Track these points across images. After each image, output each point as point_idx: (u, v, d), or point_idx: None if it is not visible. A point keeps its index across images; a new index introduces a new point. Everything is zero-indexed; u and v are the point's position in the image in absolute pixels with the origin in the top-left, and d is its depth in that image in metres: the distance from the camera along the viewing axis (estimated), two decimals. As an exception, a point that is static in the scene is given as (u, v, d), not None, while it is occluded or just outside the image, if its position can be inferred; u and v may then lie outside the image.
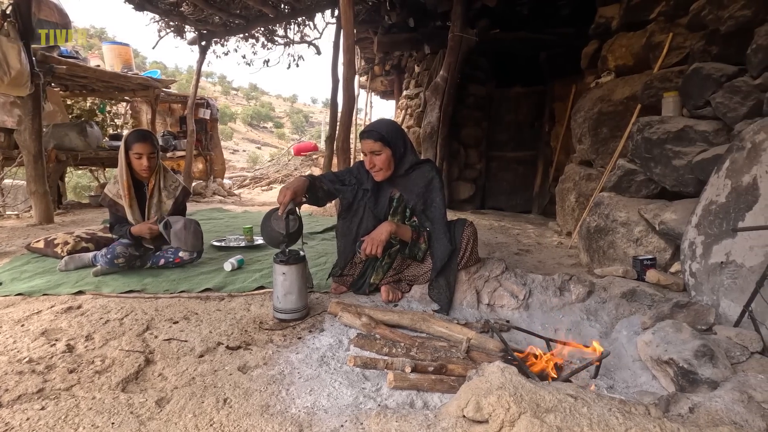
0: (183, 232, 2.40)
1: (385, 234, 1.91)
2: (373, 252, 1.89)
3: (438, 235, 2.01)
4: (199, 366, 1.45)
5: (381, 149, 1.97)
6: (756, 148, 1.71)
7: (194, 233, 2.46)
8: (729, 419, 1.06)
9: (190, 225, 2.44)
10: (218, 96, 36.44)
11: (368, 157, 2.00)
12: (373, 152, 1.98)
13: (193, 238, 2.45)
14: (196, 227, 2.48)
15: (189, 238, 2.42)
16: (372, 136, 1.97)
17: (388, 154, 1.98)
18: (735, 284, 1.67)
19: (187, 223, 2.43)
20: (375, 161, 1.99)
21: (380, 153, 1.97)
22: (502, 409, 1.04)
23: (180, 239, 2.41)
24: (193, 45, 6.08)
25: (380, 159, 1.98)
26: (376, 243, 1.90)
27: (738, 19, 2.04)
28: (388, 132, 1.98)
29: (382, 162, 1.98)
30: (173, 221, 2.41)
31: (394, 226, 1.95)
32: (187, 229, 2.41)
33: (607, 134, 3.18)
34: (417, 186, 2.04)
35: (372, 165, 2.00)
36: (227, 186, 8.44)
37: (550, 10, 4.88)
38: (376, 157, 1.98)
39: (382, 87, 8.99)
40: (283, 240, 1.88)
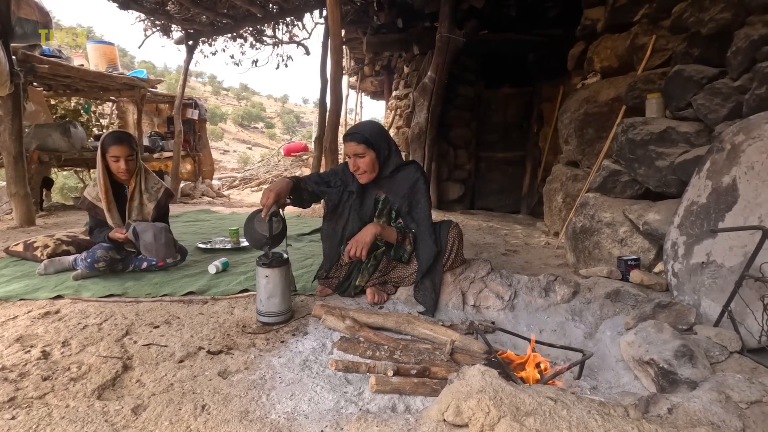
0: (153, 244, 2.30)
1: (370, 236, 1.90)
2: (357, 254, 1.88)
3: (423, 237, 2.00)
4: (178, 372, 1.42)
5: (365, 152, 1.95)
6: (735, 150, 1.73)
7: (165, 244, 2.34)
8: (707, 419, 1.07)
9: (161, 235, 2.33)
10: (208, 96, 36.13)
11: (352, 160, 1.99)
12: (357, 155, 1.96)
13: (165, 248, 2.35)
14: (167, 236, 2.37)
15: (161, 250, 2.32)
16: (355, 139, 1.95)
17: (372, 156, 1.97)
18: (715, 284, 1.68)
19: (156, 233, 2.32)
20: (359, 164, 1.97)
21: (364, 155, 1.96)
22: (482, 413, 1.03)
23: (150, 251, 2.31)
24: (180, 44, 6.01)
25: (364, 161, 1.96)
26: (361, 245, 1.88)
27: (718, 22, 2.06)
28: (371, 134, 1.97)
29: (365, 164, 1.97)
30: (141, 231, 2.30)
31: (378, 228, 1.94)
32: (157, 240, 2.31)
33: (593, 135, 3.20)
34: (402, 188, 2.03)
35: (356, 168, 1.98)
36: (216, 187, 8.37)
37: (537, 12, 4.91)
38: (360, 159, 1.96)
39: (372, 87, 8.98)
40: (266, 242, 1.86)
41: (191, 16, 5.37)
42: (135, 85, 5.57)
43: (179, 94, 6.16)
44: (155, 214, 2.47)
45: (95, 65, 5.36)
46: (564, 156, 3.68)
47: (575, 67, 3.80)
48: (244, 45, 6.37)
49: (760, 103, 1.74)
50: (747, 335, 1.45)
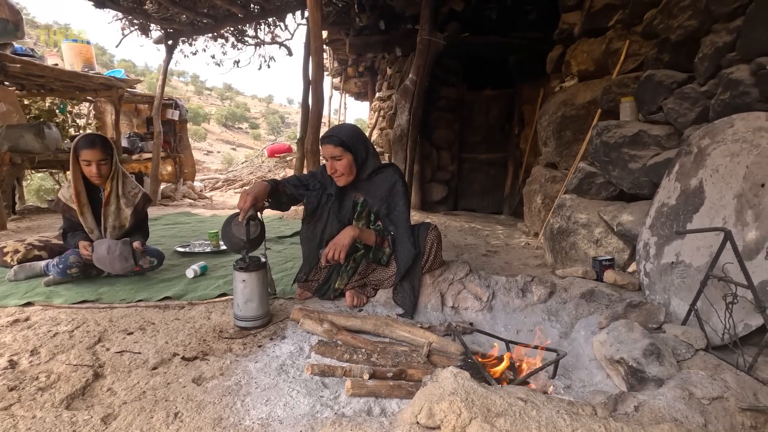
0: (106, 257, 2.21)
1: (348, 239, 1.90)
2: (336, 258, 1.87)
3: (402, 239, 2.02)
4: (151, 379, 1.40)
5: (342, 154, 1.95)
6: (702, 153, 1.79)
7: (120, 256, 2.23)
8: (670, 416, 1.10)
9: (115, 247, 2.23)
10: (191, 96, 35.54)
11: (329, 163, 1.99)
12: (334, 157, 1.96)
13: (119, 261, 2.23)
14: (123, 248, 2.25)
15: (114, 262, 2.22)
16: (332, 141, 1.95)
17: (349, 159, 1.97)
18: (684, 283, 1.73)
19: (111, 245, 2.23)
20: (336, 166, 1.97)
21: (341, 158, 1.96)
22: (454, 415, 1.05)
23: (103, 264, 2.22)
24: (159, 44, 5.90)
25: (341, 164, 1.96)
26: (339, 248, 1.88)
27: (686, 29, 2.13)
28: (348, 137, 1.97)
29: (343, 167, 1.97)
30: (97, 245, 2.23)
31: (357, 231, 1.94)
32: (110, 252, 2.21)
33: (571, 137, 3.26)
34: (380, 190, 2.04)
35: (333, 170, 1.98)
36: (198, 189, 8.24)
37: (517, 15, 4.98)
38: (337, 162, 1.96)
39: (355, 88, 8.97)
40: (244, 246, 1.84)
41: (170, 16, 5.29)
42: (112, 85, 5.45)
43: (158, 95, 6.05)
44: (133, 220, 2.42)
45: (70, 65, 5.22)
46: (543, 158, 3.74)
47: (554, 70, 3.86)
48: (225, 45, 6.30)
49: (724, 107, 1.80)
50: (712, 333, 1.49)
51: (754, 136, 1.59)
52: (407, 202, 2.07)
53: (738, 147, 1.64)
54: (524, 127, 5.52)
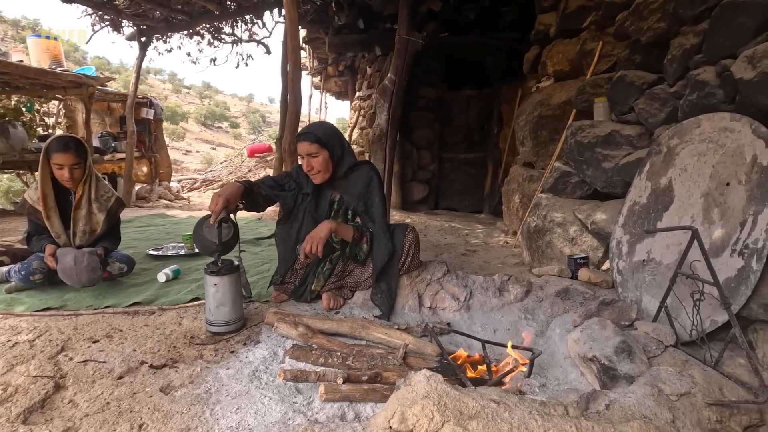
0: (72, 269, 2.06)
1: (325, 231, 1.88)
2: (313, 251, 1.84)
3: (378, 235, 2.01)
4: (116, 389, 1.35)
5: (318, 151, 1.94)
6: (671, 153, 1.83)
7: (87, 268, 2.08)
8: (640, 414, 1.12)
9: (82, 258, 2.09)
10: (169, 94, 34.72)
11: (305, 160, 1.97)
12: (310, 154, 1.95)
13: (87, 273, 2.09)
14: (90, 259, 2.11)
15: (81, 274, 2.08)
16: (308, 138, 1.94)
17: (326, 156, 1.96)
18: (655, 281, 1.77)
19: (77, 256, 2.09)
20: (312, 164, 1.96)
21: (317, 155, 1.95)
22: (426, 419, 1.04)
23: (69, 276, 2.08)
24: (131, 41, 5.73)
25: (317, 161, 1.95)
26: (316, 241, 1.85)
27: (655, 31, 2.17)
28: (324, 134, 1.96)
29: (319, 164, 1.96)
30: (61, 254, 2.10)
31: (334, 224, 1.92)
32: (77, 263, 2.07)
33: (547, 137, 3.30)
34: (357, 188, 2.03)
35: (309, 168, 1.97)
36: (175, 189, 8.06)
37: (495, 16, 5.02)
38: (314, 159, 1.95)
39: (336, 88, 8.91)
40: (216, 249, 1.79)
41: (143, 12, 5.14)
42: (83, 83, 5.26)
43: (132, 93, 5.87)
44: (106, 226, 2.34)
45: (37, 61, 5.02)
46: (521, 157, 3.78)
47: (530, 70, 3.91)
48: (201, 42, 6.16)
49: (692, 108, 1.84)
50: (681, 330, 1.52)
51: (719, 136, 1.63)
52: (383, 198, 2.07)
53: (705, 147, 1.68)
54: (503, 126, 5.57)
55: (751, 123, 1.52)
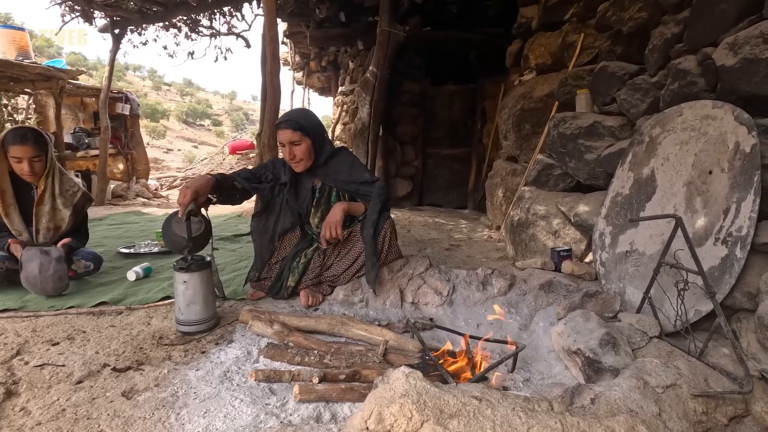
0: (38, 276, 1.91)
1: (340, 214, 1.89)
2: (333, 235, 1.86)
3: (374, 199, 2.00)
4: (74, 395, 1.25)
5: (300, 139, 1.90)
6: (653, 142, 1.80)
7: (53, 276, 1.94)
8: (626, 407, 1.08)
9: (48, 266, 1.94)
10: (149, 91, 33.94)
11: (287, 148, 1.92)
12: (293, 142, 1.90)
13: (54, 281, 1.95)
14: (58, 267, 1.96)
15: (47, 282, 1.93)
16: (291, 126, 1.89)
17: (308, 143, 1.92)
18: (638, 272, 1.75)
19: (43, 263, 1.93)
20: (295, 152, 1.91)
21: (300, 143, 1.91)
22: (404, 419, 0.98)
23: (33, 284, 1.93)
24: (104, 33, 5.52)
25: (300, 149, 1.91)
26: (333, 225, 1.86)
27: (637, 21, 2.16)
28: (306, 121, 1.92)
29: (302, 152, 1.92)
30: (26, 259, 1.95)
31: (345, 205, 1.93)
32: (42, 272, 1.92)
33: (530, 130, 3.28)
34: (341, 173, 2.01)
35: (292, 156, 1.92)
36: (153, 187, 7.83)
37: (477, 10, 4.99)
38: (296, 147, 1.91)
39: (319, 84, 8.79)
40: (186, 245, 1.70)
41: (116, 2, 4.95)
42: (52, 76, 5.04)
43: (105, 87, 5.66)
44: (72, 222, 2.21)
45: (2, 53, 4.79)
46: (504, 151, 3.76)
47: (513, 64, 3.88)
48: (178, 35, 5.98)
49: (673, 97, 1.83)
50: (665, 320, 1.50)
51: (701, 124, 1.61)
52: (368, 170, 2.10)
53: (687, 135, 1.66)
54: (486, 122, 5.55)
55: (733, 110, 1.50)
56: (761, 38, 1.43)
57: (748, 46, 1.46)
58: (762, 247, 1.38)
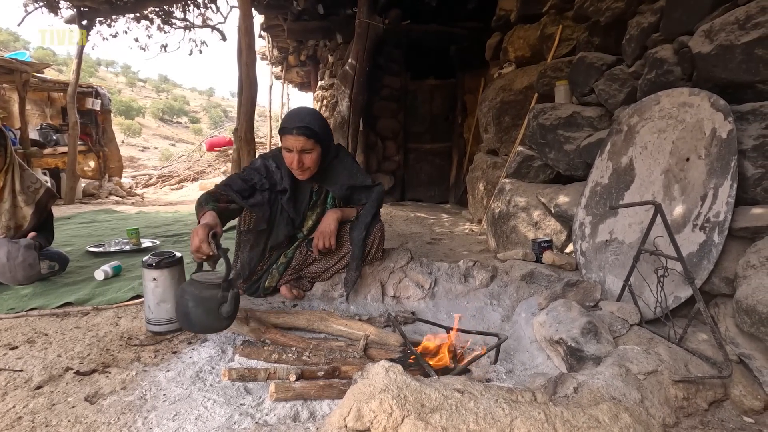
0: (5, 265, 1.84)
1: (334, 224, 1.81)
2: (327, 246, 1.79)
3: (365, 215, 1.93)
4: (32, 401, 1.17)
5: (313, 147, 1.72)
6: (631, 131, 1.81)
7: (23, 264, 1.87)
8: (609, 395, 1.07)
9: (16, 253, 1.86)
10: (123, 88, 32.96)
11: (296, 156, 1.71)
12: (304, 150, 1.71)
13: (24, 269, 1.88)
14: (27, 254, 1.89)
15: (17, 272, 1.87)
16: (304, 133, 1.68)
17: (319, 152, 1.75)
18: (618, 260, 1.75)
19: (11, 250, 1.86)
20: (305, 161, 1.72)
21: (311, 151, 1.72)
22: (385, 414, 0.94)
23: (3, 274, 1.86)
24: (71, 24, 5.29)
25: (310, 158, 1.73)
26: (327, 235, 1.79)
27: (614, 11, 2.16)
28: (320, 127, 1.73)
29: (312, 161, 1.74)
30: None
31: (339, 213, 1.85)
32: (11, 259, 1.85)
33: (510, 123, 3.28)
34: (340, 175, 1.89)
35: (300, 164, 1.72)
36: (127, 185, 7.60)
37: (457, 4, 4.98)
38: (307, 155, 1.72)
39: (298, 78, 8.66)
40: (227, 314, 1.35)
41: (82, -8, 4.74)
42: (14, 69, 4.80)
43: (73, 81, 5.43)
44: (35, 220, 2.09)
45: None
46: (484, 144, 3.75)
47: (493, 57, 3.88)
48: (150, 27, 5.77)
49: (651, 86, 1.83)
50: (645, 307, 1.51)
51: (678, 111, 1.61)
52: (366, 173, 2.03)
53: (664, 123, 1.66)
54: (467, 116, 5.56)
55: (709, 96, 1.51)
56: (736, 24, 1.43)
57: (724, 32, 1.47)
58: (739, 232, 1.39)
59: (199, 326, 1.38)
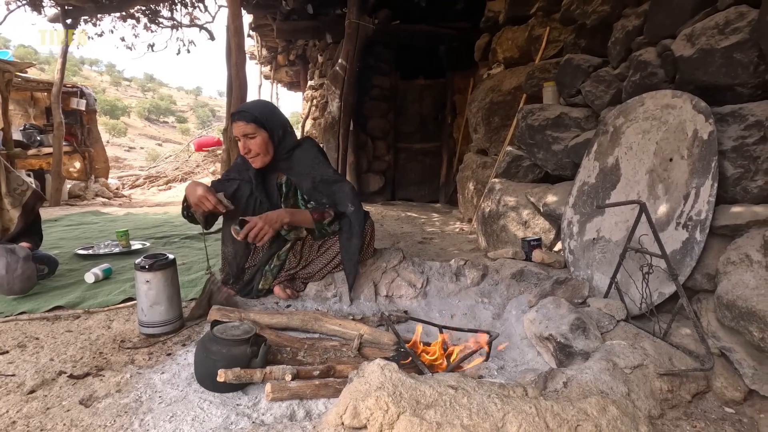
0: (4, 277, 1.80)
1: (278, 224, 1.73)
2: (260, 237, 1.69)
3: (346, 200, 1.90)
4: (26, 405, 1.17)
5: (255, 131, 1.79)
6: (617, 132, 1.86)
7: (21, 276, 1.84)
8: (597, 389, 1.10)
9: (15, 265, 1.82)
10: (107, 87, 32.42)
11: (242, 142, 1.81)
12: (247, 135, 1.79)
13: (22, 282, 1.85)
14: (26, 267, 1.85)
15: (14, 283, 1.83)
16: (244, 118, 1.78)
17: (264, 137, 1.81)
18: (605, 258, 1.79)
19: (10, 263, 1.81)
20: (249, 145, 1.80)
21: (254, 136, 1.79)
22: (380, 412, 0.96)
23: (0, 286, 1.82)
24: (55, 23, 5.20)
25: (255, 143, 1.80)
26: (264, 231, 1.69)
27: (600, 14, 2.21)
28: (261, 112, 1.81)
29: (258, 146, 1.80)
30: None
31: (288, 217, 1.76)
32: (9, 272, 1.81)
33: (499, 123, 3.32)
34: (303, 166, 1.91)
35: (247, 150, 1.81)
36: (114, 186, 7.49)
37: (446, 4, 5.01)
38: (251, 140, 1.80)
39: (287, 78, 8.62)
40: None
41: (66, -10, 4.66)
42: (-3, 69, 4.72)
43: (58, 80, 5.33)
44: (22, 223, 2.06)
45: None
46: (474, 144, 3.79)
47: (482, 57, 3.92)
48: (137, 27, 5.70)
49: (635, 88, 1.88)
50: (631, 304, 1.55)
51: (662, 113, 1.66)
52: (333, 167, 1.99)
53: (648, 124, 1.71)
54: (456, 116, 5.60)
55: (691, 98, 1.56)
56: (716, 29, 1.48)
57: (705, 37, 1.51)
58: (720, 230, 1.44)
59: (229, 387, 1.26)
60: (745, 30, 1.42)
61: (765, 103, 1.42)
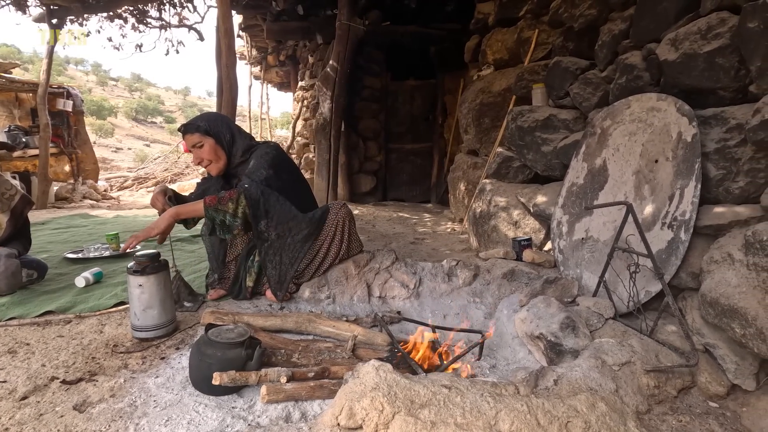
0: None
1: (164, 224, 1.70)
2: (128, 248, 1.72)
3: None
4: (18, 412, 1.16)
5: (201, 139, 1.85)
6: (604, 134, 1.89)
7: (5, 273, 1.88)
8: (586, 386, 1.13)
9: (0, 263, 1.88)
10: (93, 87, 31.96)
11: (193, 153, 1.89)
12: (195, 145, 1.86)
13: (6, 278, 1.89)
14: (9, 263, 1.90)
15: (1, 281, 1.88)
16: (189, 129, 1.86)
17: (211, 143, 1.87)
18: (593, 257, 1.83)
19: None
20: (200, 154, 1.87)
21: (202, 144, 1.86)
22: (376, 412, 0.97)
23: None
24: (40, 23, 5.11)
25: (204, 151, 1.86)
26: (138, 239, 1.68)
27: (587, 18, 2.25)
28: (204, 120, 1.89)
29: (207, 153, 1.87)
30: None
31: (173, 210, 1.74)
32: None
33: (489, 124, 3.36)
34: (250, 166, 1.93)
35: (199, 160, 1.88)
36: (102, 188, 7.38)
37: (436, 5, 5.04)
38: (199, 150, 1.87)
39: (278, 78, 8.59)
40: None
41: (52, -11, 4.59)
42: (-20, 70, 4.63)
43: (43, 81, 5.25)
44: (10, 228, 2.04)
45: None
46: (465, 145, 3.83)
47: (472, 59, 3.96)
48: (124, 27, 5.63)
49: (622, 91, 1.92)
50: (618, 302, 1.59)
51: (647, 115, 1.70)
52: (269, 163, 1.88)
53: (635, 126, 1.75)
54: (447, 117, 5.64)
55: (675, 102, 1.60)
56: (699, 34, 1.52)
57: (688, 41, 1.55)
58: (703, 230, 1.48)
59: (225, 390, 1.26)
60: (727, 35, 1.47)
61: (746, 107, 1.46)
